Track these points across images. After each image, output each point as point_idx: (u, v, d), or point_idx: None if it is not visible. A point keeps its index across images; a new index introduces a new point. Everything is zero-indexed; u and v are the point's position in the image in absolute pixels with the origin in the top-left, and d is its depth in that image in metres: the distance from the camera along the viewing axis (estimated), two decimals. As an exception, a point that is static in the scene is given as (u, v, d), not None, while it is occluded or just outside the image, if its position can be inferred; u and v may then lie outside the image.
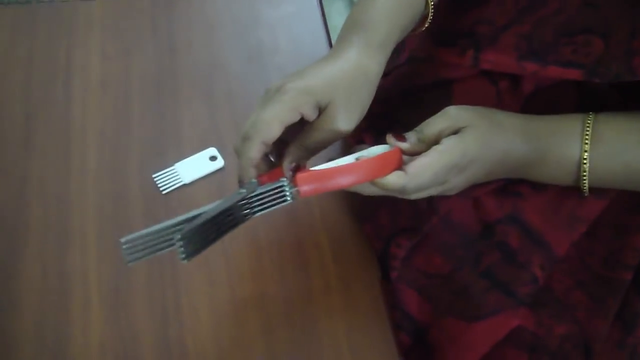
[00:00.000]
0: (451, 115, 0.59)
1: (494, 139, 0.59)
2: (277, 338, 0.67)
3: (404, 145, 0.59)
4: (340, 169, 0.57)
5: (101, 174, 0.76)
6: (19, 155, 0.76)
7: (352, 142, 0.73)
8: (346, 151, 0.63)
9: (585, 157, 0.59)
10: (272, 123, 0.57)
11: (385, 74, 0.74)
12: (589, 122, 0.60)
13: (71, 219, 0.72)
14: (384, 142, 0.61)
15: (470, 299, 0.65)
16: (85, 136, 0.78)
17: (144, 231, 0.55)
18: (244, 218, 0.58)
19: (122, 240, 0.54)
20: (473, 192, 0.66)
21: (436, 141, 0.58)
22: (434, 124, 0.59)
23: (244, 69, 0.86)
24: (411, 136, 0.59)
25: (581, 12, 0.60)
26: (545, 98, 0.65)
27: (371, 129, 0.72)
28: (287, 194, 0.58)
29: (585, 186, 0.61)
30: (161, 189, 0.75)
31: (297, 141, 0.60)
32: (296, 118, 0.58)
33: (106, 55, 0.85)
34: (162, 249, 0.56)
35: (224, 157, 0.77)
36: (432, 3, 0.65)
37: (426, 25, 0.67)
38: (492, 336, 0.65)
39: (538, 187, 0.65)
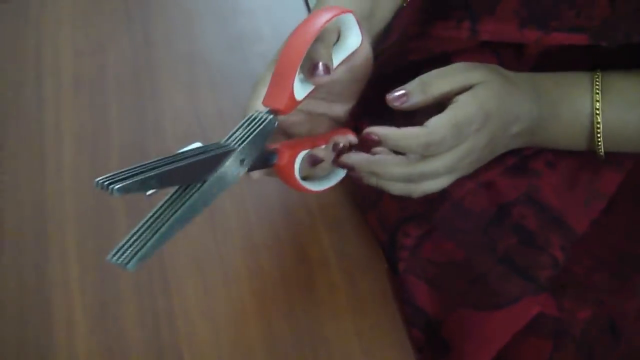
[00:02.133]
0: (460, 71, 0.55)
1: (507, 93, 0.56)
2: (280, 342, 0.62)
3: (410, 103, 0.54)
4: (283, 55, 0.53)
5: (79, 176, 0.71)
6: (-9, 161, 0.71)
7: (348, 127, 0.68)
8: None
9: (597, 107, 0.57)
10: (256, 101, 0.54)
11: (375, 57, 0.69)
12: (597, 75, 0.58)
13: (49, 225, 0.67)
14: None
15: (488, 287, 0.61)
16: (61, 138, 0.74)
17: (130, 233, 0.48)
18: (225, 151, 0.50)
19: (107, 258, 0.46)
20: (485, 175, 0.62)
21: (443, 99, 0.54)
22: (443, 82, 0.55)
23: (225, 59, 0.81)
24: (415, 93, 0.54)
25: None
26: (552, 66, 0.61)
27: (367, 114, 0.67)
28: (261, 115, 0.52)
29: (600, 143, 0.58)
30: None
31: None
32: None
33: (78, 52, 0.80)
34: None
35: (210, 152, 0.72)
36: None
37: None
38: (512, 325, 0.60)
39: (552, 162, 0.62)
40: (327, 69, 0.53)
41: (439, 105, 0.54)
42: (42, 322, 0.62)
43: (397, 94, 0.54)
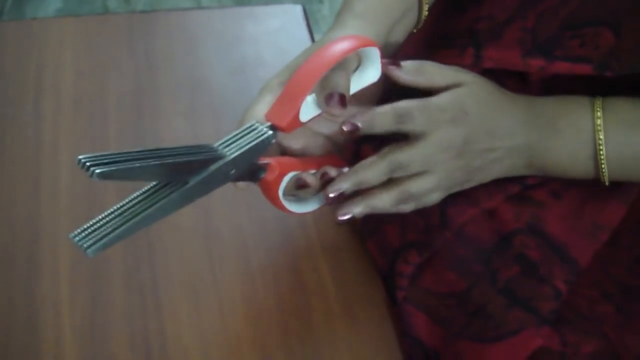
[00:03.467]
0: (455, 69, 0.57)
1: (495, 101, 0.57)
2: (274, 370, 0.60)
3: (399, 75, 0.56)
4: (296, 74, 0.53)
5: (74, 197, 0.70)
6: (-15, 178, 0.70)
7: (349, 154, 0.67)
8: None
9: (599, 124, 0.56)
10: (259, 105, 0.54)
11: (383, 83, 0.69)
12: (598, 97, 0.58)
13: (41, 245, 0.66)
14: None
15: (488, 319, 0.59)
16: (57, 157, 0.72)
17: (99, 216, 0.46)
18: (215, 157, 0.49)
19: (70, 235, 0.45)
20: (488, 202, 0.61)
21: (431, 82, 0.56)
22: (436, 73, 0.56)
23: (227, 85, 0.81)
24: (409, 69, 0.56)
25: (588, 2, 0.57)
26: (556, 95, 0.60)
27: (369, 139, 0.67)
28: (261, 128, 0.51)
29: (603, 164, 0.56)
30: (141, 212, 0.68)
31: None
32: None
33: (79, 73, 0.80)
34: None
35: (209, 176, 0.71)
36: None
37: (421, 24, 0.64)
38: (512, 358, 0.59)
39: (558, 192, 0.61)
40: (343, 101, 0.53)
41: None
42: (31, 343, 0.60)
43: (391, 59, 0.56)
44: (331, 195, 0.54)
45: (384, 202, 0.55)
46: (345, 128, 0.53)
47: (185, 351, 0.60)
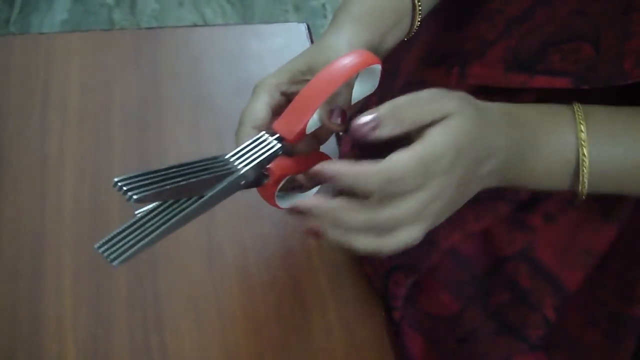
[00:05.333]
0: (435, 98, 0.49)
1: (480, 126, 0.50)
2: (273, 386, 0.61)
3: (380, 134, 0.47)
4: (306, 89, 0.54)
5: (79, 212, 0.70)
6: (-9, 191, 0.71)
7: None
8: None
9: (583, 138, 0.53)
10: (256, 107, 0.56)
11: (381, 99, 0.70)
12: (577, 106, 0.55)
13: (45, 259, 0.66)
14: None
15: (478, 345, 0.60)
16: (63, 172, 0.73)
17: (122, 227, 0.48)
18: (229, 172, 0.51)
19: (96, 245, 0.47)
20: (475, 225, 0.61)
21: (415, 125, 0.48)
22: (418, 110, 0.48)
23: (231, 102, 0.81)
24: (387, 120, 0.47)
25: (570, 20, 0.57)
26: None
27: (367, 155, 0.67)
28: (270, 140, 0.54)
29: (585, 178, 0.53)
30: (145, 227, 0.69)
31: None
32: (278, 99, 0.57)
33: (85, 88, 0.80)
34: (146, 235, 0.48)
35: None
36: (420, 8, 0.63)
37: (412, 32, 0.64)
38: (502, 384, 0.59)
39: (551, 217, 0.61)
40: (344, 117, 0.53)
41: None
42: (33, 356, 0.60)
43: (366, 118, 0.47)
44: (297, 210, 0.49)
45: (361, 244, 0.48)
46: (324, 172, 0.47)
47: (186, 366, 0.61)
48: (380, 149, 0.48)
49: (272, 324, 0.64)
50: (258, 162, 0.52)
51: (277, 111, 0.56)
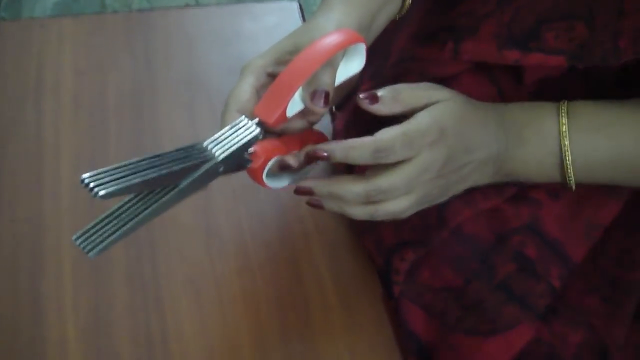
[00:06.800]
0: (428, 87, 0.56)
1: (469, 116, 0.56)
2: (273, 363, 0.61)
3: (378, 108, 0.54)
4: (285, 72, 0.53)
5: (76, 195, 0.71)
6: (-13, 177, 0.71)
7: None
8: None
9: (564, 130, 0.56)
10: (241, 90, 0.56)
11: (373, 76, 0.70)
12: (562, 102, 0.58)
13: (45, 243, 0.67)
14: None
15: (484, 313, 0.60)
16: (59, 156, 0.74)
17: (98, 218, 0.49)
18: (205, 160, 0.51)
19: (74, 237, 0.48)
20: (484, 203, 0.62)
21: (410, 107, 0.54)
22: (412, 94, 0.55)
23: (225, 82, 0.81)
24: (386, 98, 0.54)
25: None
26: (550, 95, 0.61)
27: (357, 124, 0.68)
28: (250, 124, 0.53)
29: (569, 169, 0.57)
30: (142, 210, 0.69)
31: None
32: (264, 80, 0.57)
33: (79, 72, 0.81)
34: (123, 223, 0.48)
35: (208, 173, 0.72)
36: None
37: (404, 12, 0.65)
38: (506, 352, 0.60)
39: (555, 193, 0.62)
40: (327, 100, 0.54)
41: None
42: (35, 340, 0.61)
43: (368, 93, 0.54)
44: (300, 191, 0.55)
45: (356, 213, 0.55)
46: (319, 153, 0.53)
47: (187, 345, 0.62)
48: (372, 127, 0.53)
49: (271, 303, 0.65)
50: (236, 149, 0.52)
51: (262, 91, 0.56)
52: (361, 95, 0.54)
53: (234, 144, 0.52)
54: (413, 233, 0.64)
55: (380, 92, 0.54)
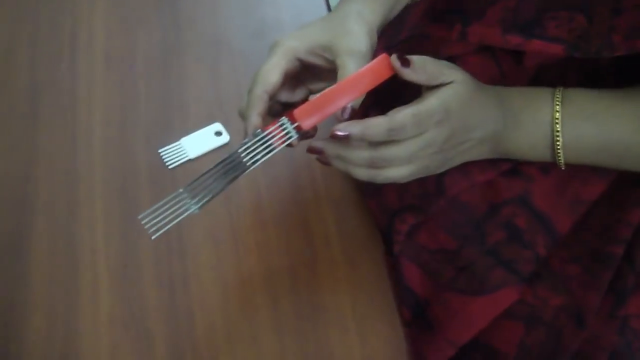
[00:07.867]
0: (448, 67, 0.60)
1: (473, 98, 0.60)
2: (282, 309, 0.68)
3: (407, 73, 0.58)
4: (334, 90, 0.57)
5: (108, 149, 0.77)
6: (27, 131, 0.77)
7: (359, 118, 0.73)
8: None
9: (557, 117, 0.61)
10: (271, 70, 0.60)
11: (386, 48, 0.74)
12: (558, 89, 0.63)
13: (79, 194, 0.73)
14: None
15: (474, 275, 0.66)
16: (92, 112, 0.79)
17: (159, 203, 0.56)
18: (248, 165, 0.59)
19: (140, 216, 0.56)
20: (480, 176, 0.67)
21: (432, 78, 0.59)
22: (436, 69, 0.59)
23: (248, 45, 0.86)
24: (418, 65, 0.58)
25: None
26: (550, 79, 0.66)
27: (377, 104, 0.72)
28: (289, 130, 0.58)
29: (559, 152, 0.62)
30: (167, 163, 0.75)
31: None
32: (293, 64, 0.62)
33: (111, 32, 0.86)
34: (180, 214, 0.57)
35: (229, 133, 0.78)
36: None
37: None
38: (492, 311, 0.66)
39: (546, 169, 0.66)
40: (354, 114, 0.59)
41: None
42: (70, 281, 0.68)
43: (401, 55, 0.58)
44: (312, 150, 0.61)
45: (359, 174, 0.61)
46: (338, 134, 0.57)
47: (205, 290, 0.68)
48: (385, 108, 0.59)
49: (282, 255, 0.71)
50: (273, 154, 0.58)
51: (289, 74, 0.61)
52: (394, 56, 0.58)
53: (273, 148, 0.58)
54: (414, 199, 0.69)
55: (413, 58, 0.58)
